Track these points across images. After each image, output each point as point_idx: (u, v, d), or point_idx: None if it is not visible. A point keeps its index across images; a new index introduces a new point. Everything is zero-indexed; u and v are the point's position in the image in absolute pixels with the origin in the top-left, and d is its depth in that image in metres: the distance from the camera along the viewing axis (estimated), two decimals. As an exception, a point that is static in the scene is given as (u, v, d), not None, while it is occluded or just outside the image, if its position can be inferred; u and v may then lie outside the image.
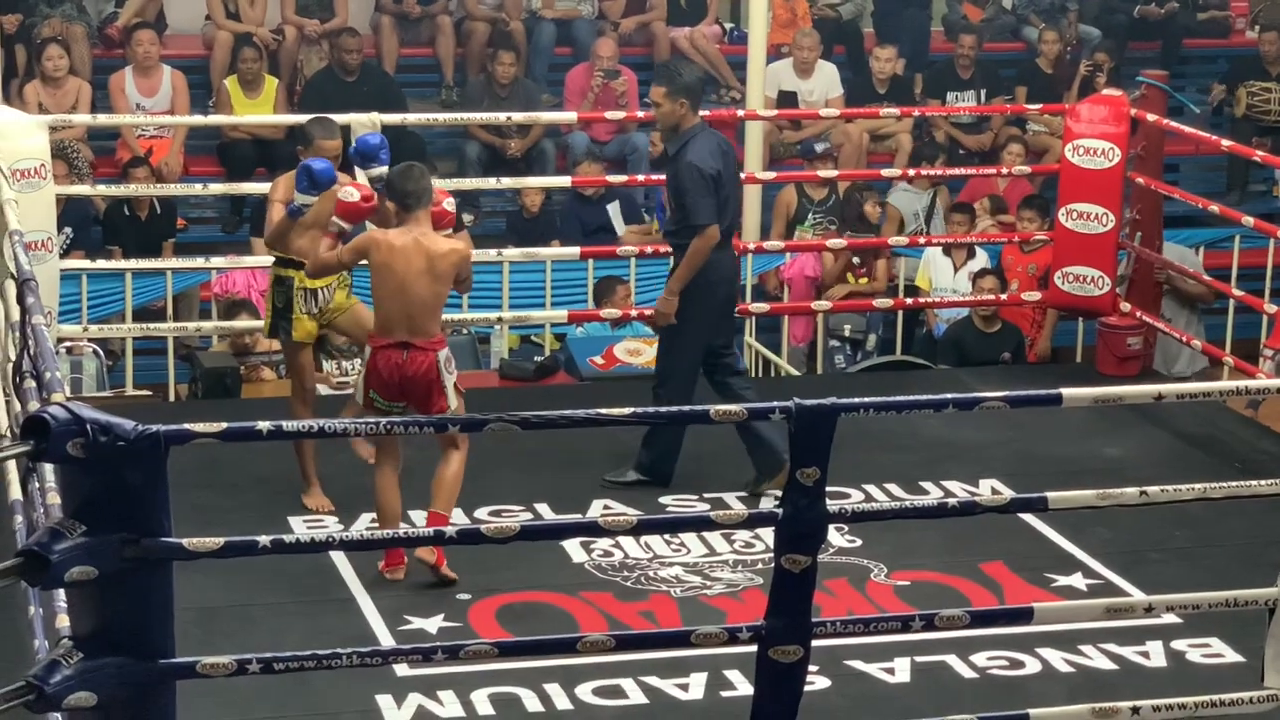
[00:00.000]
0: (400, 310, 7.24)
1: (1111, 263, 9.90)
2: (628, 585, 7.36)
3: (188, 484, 4.80)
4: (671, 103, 8.19)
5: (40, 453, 4.52)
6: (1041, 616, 5.90)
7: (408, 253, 7.23)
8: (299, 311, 7.93)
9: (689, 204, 8.12)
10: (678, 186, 8.16)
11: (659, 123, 8.38)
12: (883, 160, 13.66)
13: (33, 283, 6.18)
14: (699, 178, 8.10)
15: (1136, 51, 14.97)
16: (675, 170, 8.18)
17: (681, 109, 8.20)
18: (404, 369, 7.23)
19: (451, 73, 13.97)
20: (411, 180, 7.30)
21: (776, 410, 5.05)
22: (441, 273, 7.26)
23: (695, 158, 8.12)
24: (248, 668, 4.89)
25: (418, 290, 7.22)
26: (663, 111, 8.22)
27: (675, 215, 8.27)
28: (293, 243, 7.89)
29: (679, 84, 8.24)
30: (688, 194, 8.11)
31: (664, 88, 8.21)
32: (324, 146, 7.92)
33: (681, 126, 8.23)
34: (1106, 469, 8.53)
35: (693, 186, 8.10)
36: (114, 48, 13.45)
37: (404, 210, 7.30)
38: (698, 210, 8.11)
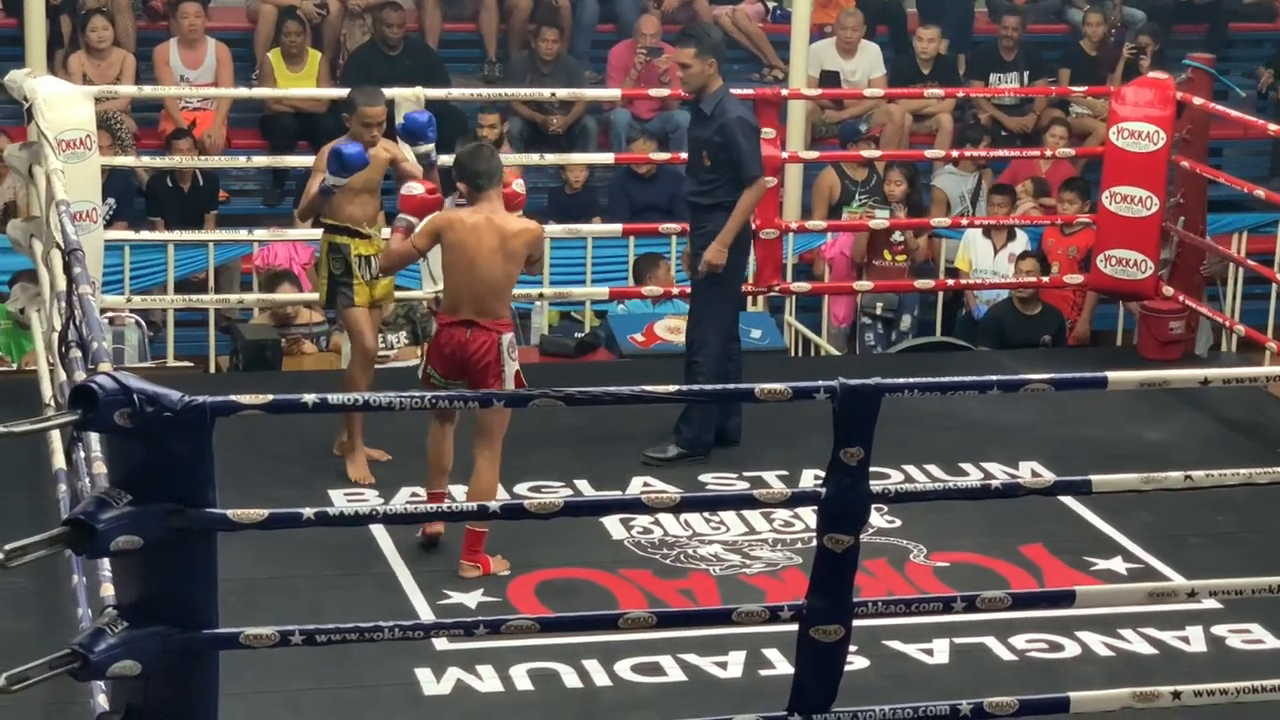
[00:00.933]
0: (468, 288, 7.22)
1: (1154, 246, 9.87)
2: (667, 563, 7.36)
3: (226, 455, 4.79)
4: (701, 63, 8.23)
5: (88, 422, 4.54)
6: (1083, 600, 5.89)
7: (479, 231, 7.21)
8: (360, 277, 7.97)
9: (742, 156, 8.19)
10: (725, 142, 8.20)
11: (687, 84, 8.35)
12: (924, 141, 13.62)
13: (79, 253, 6.20)
14: (750, 129, 8.26)
15: (1182, 34, 14.89)
16: (721, 127, 8.21)
17: (710, 69, 8.26)
18: (466, 347, 7.21)
19: (494, 48, 13.97)
20: (482, 159, 7.28)
21: (821, 389, 5.04)
22: (513, 251, 7.24)
23: (742, 112, 8.30)
24: (290, 639, 4.90)
25: (488, 269, 7.20)
26: (693, 72, 8.25)
27: (710, 174, 8.27)
28: (343, 209, 7.93)
29: (707, 44, 8.30)
30: (739, 147, 8.18)
31: (692, 49, 8.25)
32: (368, 113, 7.95)
33: (710, 86, 8.29)
34: (1147, 453, 8.51)
35: (744, 139, 8.21)
36: (158, 19, 13.47)
37: (475, 190, 7.27)
38: (751, 161, 8.22)
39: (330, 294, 8.06)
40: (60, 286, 6.66)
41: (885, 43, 14.28)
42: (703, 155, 8.33)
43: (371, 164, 7.91)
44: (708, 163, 8.31)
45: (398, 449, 8.14)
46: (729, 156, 8.22)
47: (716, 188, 8.29)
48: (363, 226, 7.97)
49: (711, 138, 8.26)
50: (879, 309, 11.75)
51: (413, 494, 7.82)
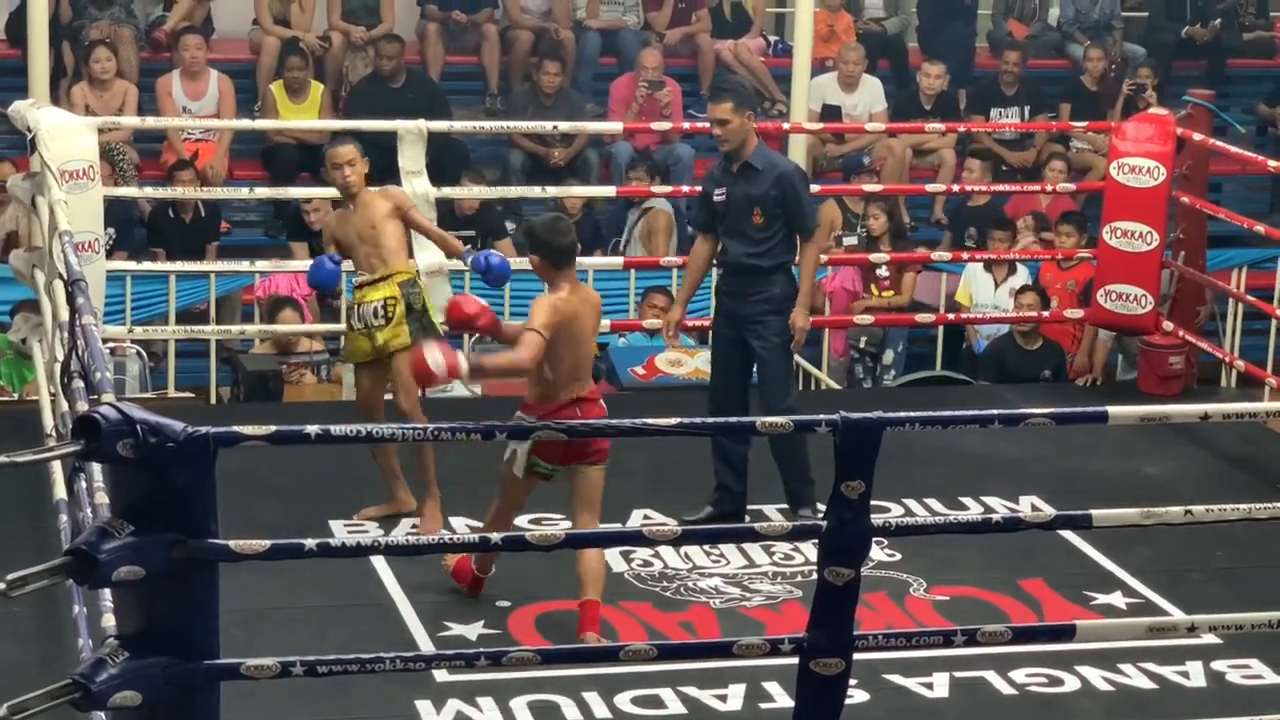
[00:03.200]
0: (573, 371, 6.78)
1: (1155, 281, 9.89)
2: (667, 595, 7.37)
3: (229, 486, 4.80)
4: (740, 117, 7.90)
5: (90, 452, 4.55)
6: (1084, 634, 5.90)
7: (581, 311, 6.81)
8: (348, 328, 7.92)
9: (804, 209, 8.00)
10: (783, 196, 7.90)
11: (727, 140, 7.93)
12: (926, 176, 13.65)
13: (83, 283, 6.22)
14: (805, 181, 8.13)
15: (1181, 70, 14.93)
16: (778, 181, 7.91)
17: (750, 123, 7.97)
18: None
19: (496, 81, 14.00)
20: (559, 234, 6.82)
21: (823, 423, 5.05)
22: (598, 323, 6.97)
23: (791, 165, 8.17)
24: (291, 670, 4.90)
25: (588, 345, 6.88)
26: (731, 128, 7.90)
27: (763, 233, 7.93)
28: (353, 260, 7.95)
29: (743, 96, 8.04)
30: (801, 200, 7.96)
31: (729, 103, 7.90)
32: (335, 153, 7.86)
33: (750, 141, 7.98)
34: (1147, 487, 8.52)
35: (804, 191, 8.03)
36: (161, 51, 13.51)
37: (553, 267, 6.80)
38: (812, 213, 8.13)
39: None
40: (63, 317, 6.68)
41: (887, 77, 14.32)
42: (754, 213, 7.92)
43: (363, 215, 7.80)
44: (760, 220, 7.92)
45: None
46: (787, 211, 7.91)
47: (773, 247, 7.94)
48: (361, 275, 7.84)
49: (767, 193, 7.90)
50: (863, 343, 11.77)
51: (413, 525, 7.83)
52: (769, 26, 15.29)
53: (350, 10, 13.79)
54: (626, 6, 14.34)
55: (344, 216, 7.93)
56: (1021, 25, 15.13)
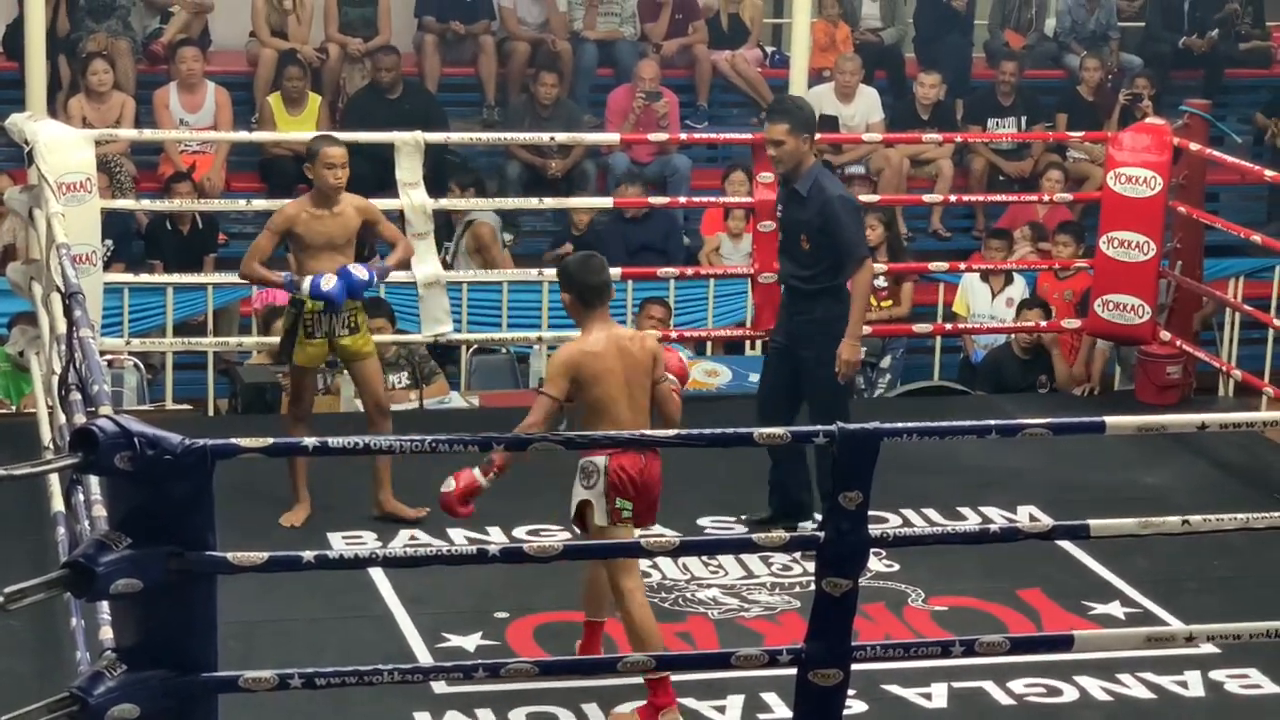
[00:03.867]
0: (631, 414, 6.35)
1: (1152, 291, 9.89)
2: (665, 606, 7.36)
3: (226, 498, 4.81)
4: (796, 139, 7.80)
5: (88, 465, 4.56)
6: (1082, 644, 5.90)
7: (613, 351, 6.40)
8: (304, 335, 7.94)
9: (849, 238, 7.82)
10: (826, 224, 7.80)
11: (780, 163, 7.87)
12: (923, 186, 13.66)
13: (80, 295, 6.22)
14: (854, 210, 7.92)
15: (1178, 80, 14.95)
16: (821, 209, 7.81)
17: (806, 145, 7.85)
18: (647, 472, 6.39)
19: (494, 92, 14.01)
20: (592, 272, 6.48)
21: (820, 434, 5.05)
22: (645, 363, 6.45)
23: (841, 190, 7.97)
24: (290, 682, 4.91)
25: (637, 385, 6.41)
26: (786, 149, 7.80)
27: (810, 258, 7.89)
28: (305, 266, 7.92)
29: (800, 118, 7.88)
30: (846, 228, 7.81)
31: (785, 124, 7.79)
32: (330, 154, 7.90)
33: (805, 163, 7.88)
34: (1145, 497, 8.53)
35: (849, 220, 7.84)
36: (158, 63, 13.51)
37: (584, 306, 6.47)
38: (859, 242, 7.89)
39: (282, 348, 8.07)
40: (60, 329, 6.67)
41: (884, 88, 14.33)
42: (801, 239, 7.89)
43: (338, 221, 7.87)
44: (807, 246, 7.88)
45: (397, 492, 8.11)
46: (831, 239, 7.83)
47: (819, 273, 7.88)
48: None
49: (811, 220, 7.84)
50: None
51: (411, 537, 7.83)
52: (766, 37, 15.30)
53: (347, 22, 13.79)
54: (623, 18, 14.36)
55: (317, 217, 7.94)
56: (1018, 35, 15.15)
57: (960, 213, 14.04)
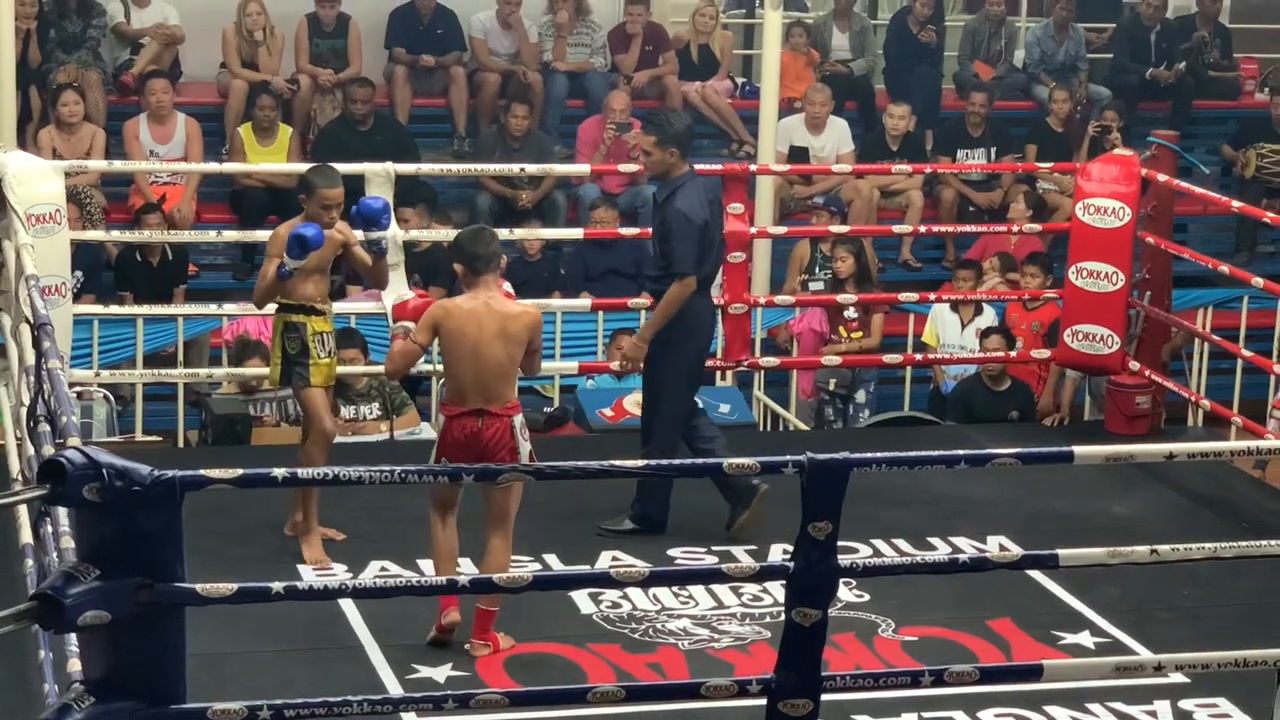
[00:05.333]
0: (474, 376, 7.05)
1: (1121, 321, 9.92)
2: (635, 637, 7.36)
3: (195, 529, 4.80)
4: (662, 151, 8.22)
5: (56, 496, 4.55)
6: (1051, 674, 5.91)
7: (479, 317, 7.07)
8: (316, 356, 7.93)
9: (674, 250, 8.19)
10: (664, 232, 8.23)
11: (648, 171, 8.38)
12: (893, 217, 13.70)
13: (49, 327, 6.20)
14: (686, 225, 8.19)
15: (1146, 112, 15.02)
16: (663, 217, 8.24)
17: (671, 157, 8.24)
18: (479, 436, 7.04)
19: (464, 124, 14.03)
20: (481, 243, 7.18)
21: (789, 464, 5.06)
22: (515, 335, 7.09)
23: (684, 205, 8.22)
24: (259, 714, 4.90)
25: (491, 354, 7.05)
26: (652, 160, 8.25)
27: (661, 261, 8.30)
28: (297, 288, 7.92)
29: (669, 133, 8.27)
30: (674, 240, 8.18)
31: (654, 136, 8.24)
32: (327, 195, 7.90)
33: (671, 174, 8.27)
34: (1115, 527, 8.54)
35: (679, 233, 8.17)
36: (129, 95, 13.51)
37: (472, 274, 7.15)
38: (682, 258, 8.18)
39: (285, 374, 8.01)
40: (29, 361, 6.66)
41: (854, 119, 14.38)
42: (654, 243, 8.38)
43: (328, 243, 7.92)
44: (655, 250, 8.36)
45: (366, 523, 8.13)
46: (666, 248, 8.24)
47: (663, 276, 8.27)
48: (316, 303, 7.96)
49: (658, 227, 8.30)
50: (832, 385, 11.79)
51: (381, 568, 7.82)
52: (736, 69, 15.34)
53: (318, 54, 13.81)
54: (594, 49, 14.39)
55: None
56: (987, 67, 15.21)
57: (930, 243, 14.08)
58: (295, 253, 7.77)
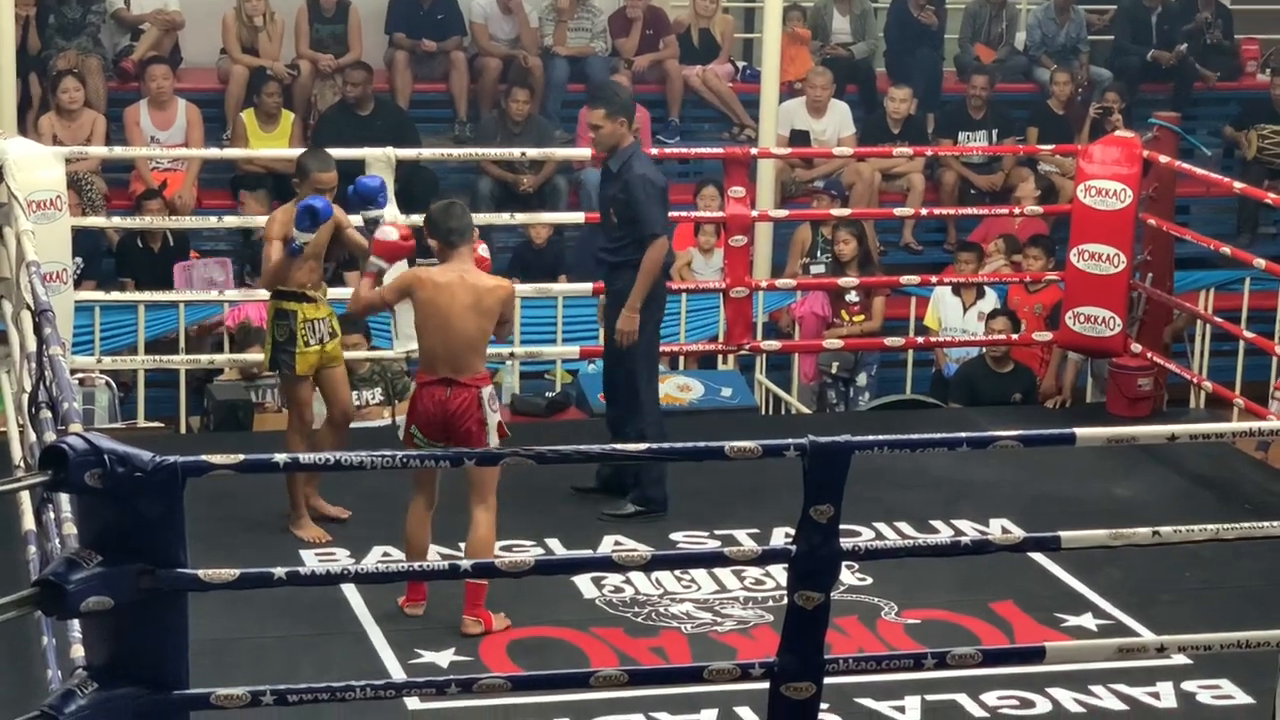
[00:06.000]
0: (444, 347, 7.22)
1: (1123, 303, 9.92)
2: (638, 621, 7.36)
3: (197, 515, 4.80)
4: (613, 123, 8.31)
5: (58, 483, 4.55)
6: (1053, 656, 5.91)
7: (452, 289, 7.23)
8: (303, 345, 7.95)
9: (643, 215, 8.27)
10: (628, 200, 8.28)
11: (599, 144, 8.41)
12: (895, 200, 13.69)
13: (50, 313, 6.20)
14: (651, 187, 8.30)
15: (1148, 93, 14.99)
16: (624, 184, 8.29)
17: (622, 128, 8.34)
18: (446, 405, 7.20)
19: (465, 108, 14.02)
20: (454, 217, 7.36)
21: (791, 447, 5.06)
22: (487, 308, 7.26)
23: (645, 170, 8.35)
24: (261, 699, 4.90)
25: (462, 326, 7.22)
26: (604, 133, 8.33)
27: (618, 232, 8.35)
28: (292, 276, 7.93)
29: (618, 103, 8.39)
30: (641, 205, 8.25)
31: (603, 109, 8.34)
32: (321, 179, 7.96)
33: (621, 145, 8.35)
34: (1117, 509, 8.54)
35: (646, 198, 8.27)
36: (129, 81, 13.50)
37: (447, 247, 7.33)
38: (652, 220, 8.28)
39: (273, 359, 8.06)
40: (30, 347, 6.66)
41: (855, 102, 14.35)
42: (610, 213, 8.40)
43: (324, 226, 7.93)
44: (615, 220, 8.38)
45: (369, 507, 8.14)
46: (631, 214, 8.28)
47: (623, 246, 8.35)
48: (308, 290, 7.98)
49: (617, 195, 8.33)
50: (835, 368, 11.79)
51: (384, 554, 7.82)
52: (737, 52, 15.32)
53: (318, 39, 13.80)
54: (594, 33, 14.37)
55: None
56: (989, 50, 15.18)
57: (932, 226, 14.07)
58: (305, 224, 7.80)
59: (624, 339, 8.33)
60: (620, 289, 8.34)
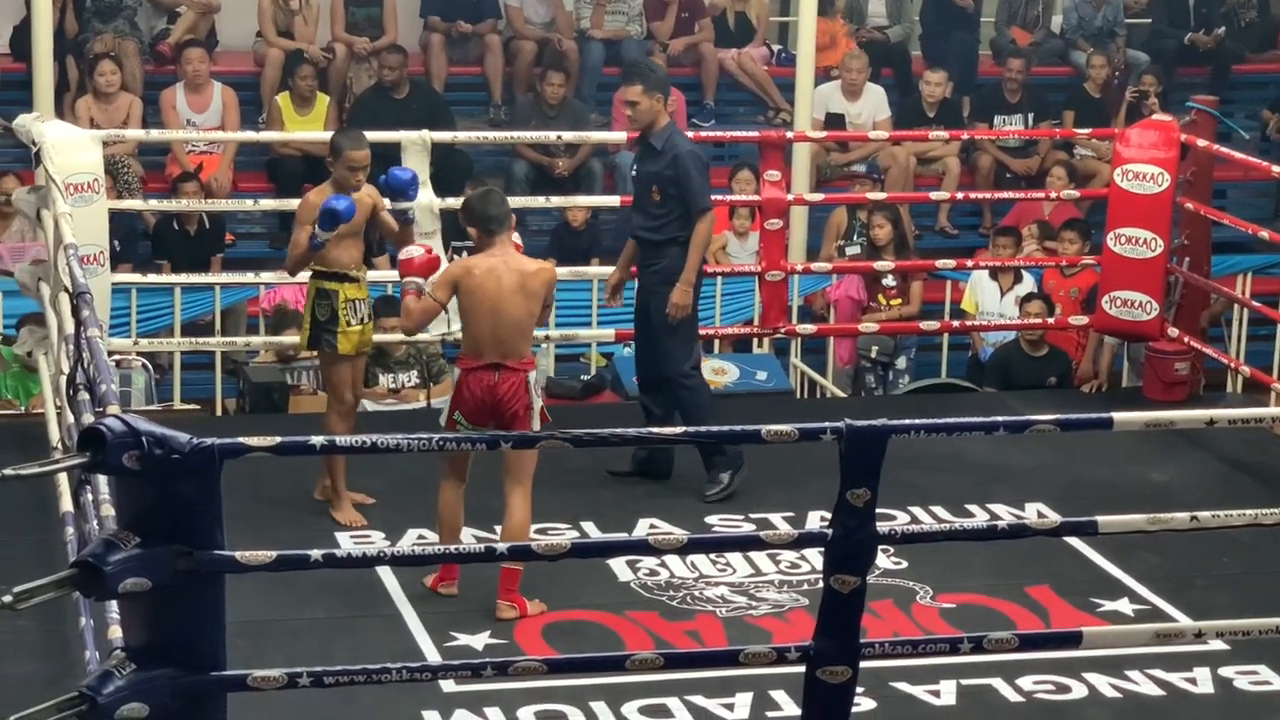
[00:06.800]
0: (492, 332, 7.23)
1: (1160, 288, 9.88)
2: (674, 605, 7.36)
3: (233, 497, 4.81)
4: (649, 99, 8.33)
5: (96, 464, 4.56)
6: (1090, 641, 5.89)
7: (497, 274, 7.23)
8: (345, 324, 7.97)
9: (694, 189, 8.29)
10: (676, 175, 8.28)
11: (635, 121, 8.40)
12: (930, 183, 13.65)
13: (88, 295, 6.22)
14: (698, 161, 8.35)
15: (1185, 77, 14.93)
16: (673, 160, 8.29)
17: (658, 104, 8.37)
18: (495, 390, 7.20)
19: (500, 91, 14.01)
20: (493, 204, 7.35)
21: (828, 430, 5.05)
22: (533, 291, 7.27)
23: (691, 146, 8.41)
24: (298, 681, 4.91)
25: (509, 310, 7.23)
26: (641, 109, 8.33)
27: (661, 209, 8.34)
28: (330, 254, 7.96)
29: (654, 79, 8.41)
30: (691, 180, 8.28)
31: (639, 85, 8.34)
32: (354, 157, 7.96)
33: (659, 122, 8.37)
34: (1153, 494, 8.52)
35: (696, 173, 8.30)
36: (165, 64, 13.52)
37: (486, 234, 7.33)
38: (702, 194, 8.32)
39: (313, 339, 8.06)
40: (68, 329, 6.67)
41: (890, 85, 14.32)
42: (652, 190, 8.38)
43: (357, 209, 7.95)
44: (657, 197, 8.36)
45: (405, 490, 8.14)
46: (679, 190, 8.29)
47: (667, 223, 8.35)
48: (350, 270, 8.00)
49: (663, 172, 8.32)
50: (874, 352, 11.77)
51: (419, 536, 7.83)
52: (772, 35, 15.29)
53: (353, 22, 13.80)
54: (630, 16, 14.36)
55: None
56: (1025, 32, 15.13)
57: (967, 210, 14.03)
58: (326, 225, 7.81)
59: (677, 312, 8.32)
60: (665, 266, 8.34)
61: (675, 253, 8.32)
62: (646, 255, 8.46)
